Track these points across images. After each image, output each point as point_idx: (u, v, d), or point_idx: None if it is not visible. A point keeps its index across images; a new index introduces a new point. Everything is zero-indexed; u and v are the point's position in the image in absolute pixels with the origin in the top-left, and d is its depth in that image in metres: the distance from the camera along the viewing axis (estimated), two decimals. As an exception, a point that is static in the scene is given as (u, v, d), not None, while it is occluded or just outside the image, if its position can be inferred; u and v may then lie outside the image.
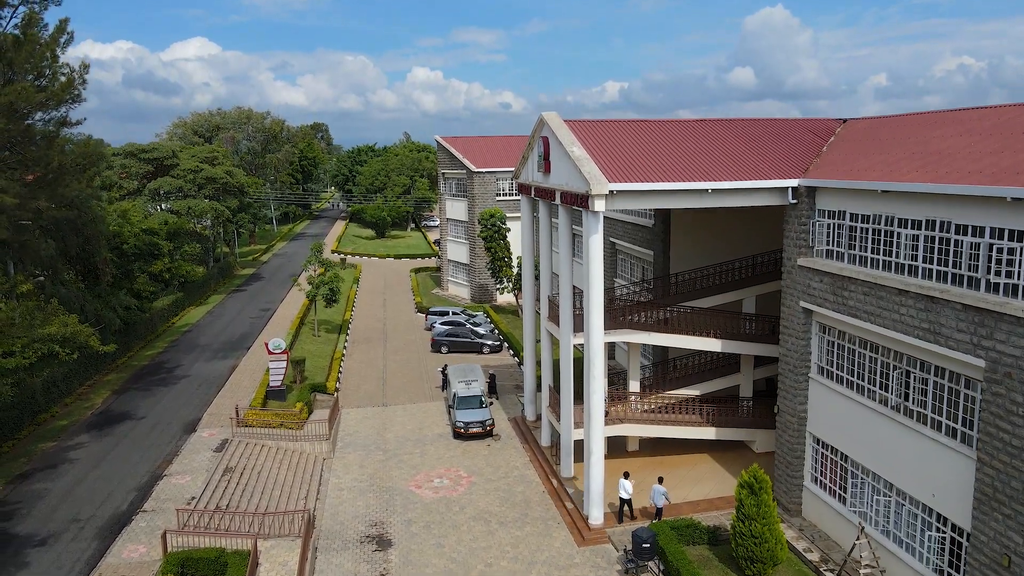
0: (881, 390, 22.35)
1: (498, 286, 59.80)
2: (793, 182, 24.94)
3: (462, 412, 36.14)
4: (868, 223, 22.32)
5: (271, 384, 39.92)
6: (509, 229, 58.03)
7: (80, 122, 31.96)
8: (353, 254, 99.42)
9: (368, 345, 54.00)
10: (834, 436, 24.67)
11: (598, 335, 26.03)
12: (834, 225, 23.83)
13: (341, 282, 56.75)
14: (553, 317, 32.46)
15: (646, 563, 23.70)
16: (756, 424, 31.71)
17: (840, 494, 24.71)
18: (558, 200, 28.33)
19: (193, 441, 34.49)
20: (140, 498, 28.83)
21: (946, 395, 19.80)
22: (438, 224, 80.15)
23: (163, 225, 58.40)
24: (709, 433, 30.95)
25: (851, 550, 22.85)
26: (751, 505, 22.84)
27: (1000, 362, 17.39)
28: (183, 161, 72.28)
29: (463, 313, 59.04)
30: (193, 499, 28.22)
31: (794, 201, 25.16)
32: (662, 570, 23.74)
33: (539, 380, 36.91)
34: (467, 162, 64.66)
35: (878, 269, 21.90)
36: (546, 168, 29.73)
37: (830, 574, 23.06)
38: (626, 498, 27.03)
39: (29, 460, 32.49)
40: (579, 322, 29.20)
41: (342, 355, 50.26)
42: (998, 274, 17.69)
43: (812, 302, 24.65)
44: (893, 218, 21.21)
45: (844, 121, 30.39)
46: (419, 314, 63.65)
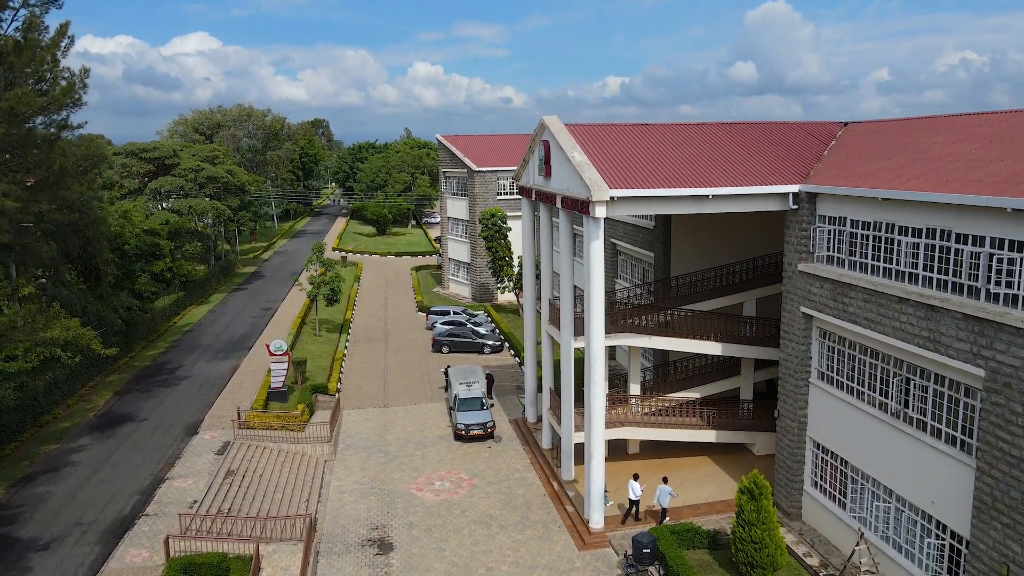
0: (881, 396, 22.40)
1: (499, 285, 59.83)
2: (794, 188, 24.94)
3: (463, 414, 36.20)
4: (869, 230, 22.33)
5: (272, 385, 40.00)
6: (510, 228, 58.07)
7: (81, 126, 31.99)
8: (354, 252, 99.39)
9: (369, 345, 54.09)
10: (834, 441, 24.73)
11: (599, 340, 26.07)
12: (835, 231, 23.85)
13: (342, 282, 56.80)
14: (554, 320, 32.50)
15: (646, 568, 23.79)
16: (756, 427, 31.78)
17: (840, 499, 24.78)
18: (559, 204, 28.34)
19: (195, 443, 34.60)
20: (142, 501, 28.95)
21: (946, 403, 19.85)
22: (439, 221, 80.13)
23: (164, 225, 58.43)
24: (709, 436, 31.01)
25: (850, 555, 22.94)
26: (751, 511, 22.91)
27: (1000, 372, 17.43)
28: (184, 160, 72.28)
29: (464, 312, 59.10)
30: (195, 503, 28.33)
31: (795, 207, 25.17)
32: (662, 574, 23.83)
33: (540, 381, 37.00)
34: (468, 161, 64.62)
35: (879, 276, 21.93)
36: (547, 172, 29.74)
37: (830, 579, 23.15)
38: (635, 499, 27.19)
39: (32, 463, 32.61)
40: (580, 325, 29.24)
41: (343, 355, 50.32)
42: (998, 284, 17.72)
43: (813, 308, 24.68)
44: (894, 225, 21.23)
45: (845, 124, 30.36)
46: (420, 313, 63.71)
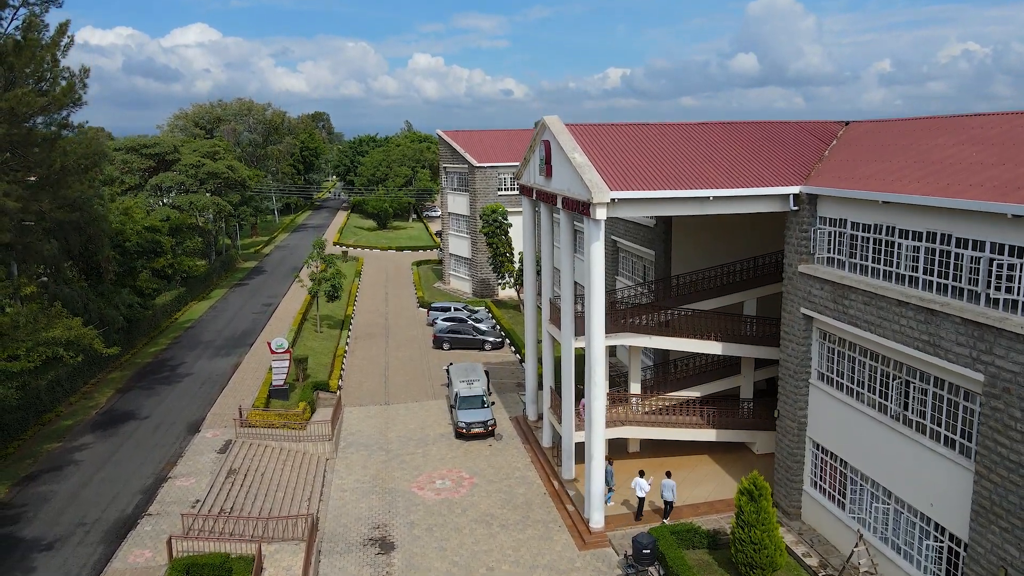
0: (881, 398, 22.46)
1: (500, 281, 59.90)
2: (794, 189, 24.94)
3: (464, 412, 36.31)
4: (869, 232, 22.34)
5: (274, 383, 40.11)
6: (511, 225, 58.09)
7: (82, 125, 31.96)
8: (355, 246, 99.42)
9: (370, 341, 54.18)
10: (834, 442, 24.81)
11: (599, 341, 26.13)
12: (835, 233, 23.86)
13: (343, 278, 56.85)
14: (555, 319, 32.55)
15: (646, 568, 23.91)
16: (756, 426, 31.87)
17: (839, 499, 24.88)
18: (560, 205, 28.35)
19: (197, 442, 34.74)
20: (145, 501, 29.10)
21: (945, 406, 19.91)
22: (440, 214, 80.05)
23: (165, 221, 58.45)
24: (710, 435, 31.11)
25: (849, 556, 23.06)
26: (751, 512, 23.02)
27: (999, 377, 17.48)
28: (184, 156, 72.23)
29: (465, 309, 59.16)
30: (198, 502, 28.47)
31: (795, 208, 25.17)
32: (662, 574, 23.96)
33: (540, 379, 37.09)
34: (469, 157, 64.54)
35: (879, 279, 21.95)
36: (547, 172, 29.73)
37: (829, 579, 23.28)
38: (643, 496, 27.39)
39: (35, 461, 32.76)
40: (580, 325, 29.30)
41: (344, 352, 50.44)
42: (998, 289, 17.74)
43: (813, 309, 24.72)
44: (894, 228, 21.24)
45: (847, 124, 30.31)
46: (421, 309, 63.78)
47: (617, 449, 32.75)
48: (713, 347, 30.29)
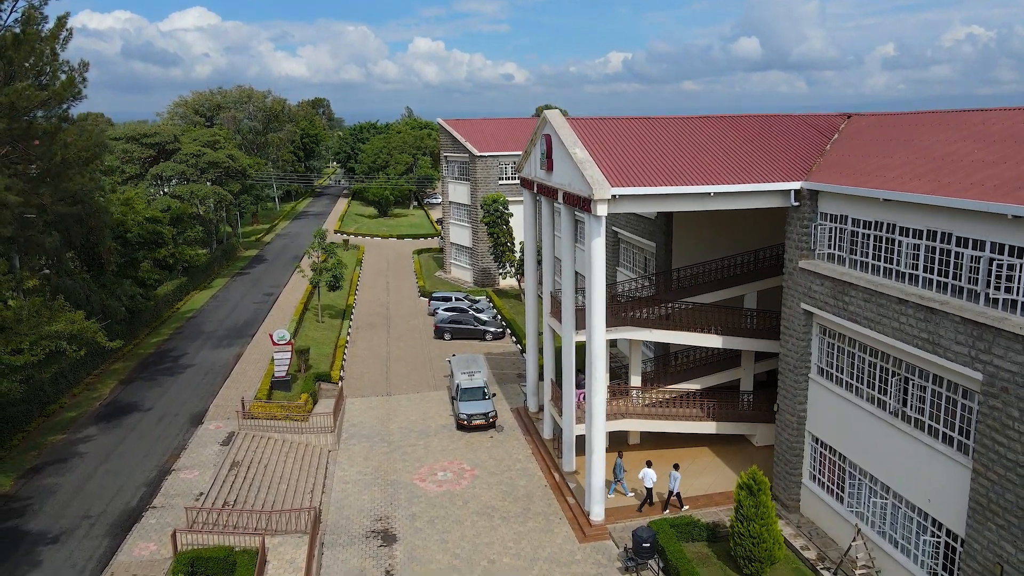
0: (880, 394, 22.58)
1: (501, 271, 59.98)
2: (796, 185, 24.93)
3: (465, 404, 36.49)
4: (870, 229, 22.36)
5: (276, 375, 40.30)
6: (512, 214, 58.08)
7: (83, 118, 31.90)
8: (355, 234, 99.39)
9: (372, 331, 54.33)
10: (833, 436, 24.96)
11: (600, 337, 26.23)
12: (836, 229, 23.88)
13: (344, 268, 56.93)
14: (555, 313, 32.63)
15: (646, 561, 24.14)
16: (756, 418, 32.02)
17: (838, 493, 25.07)
18: (561, 200, 28.34)
19: (200, 434, 34.95)
20: (149, 493, 29.34)
21: (944, 404, 20.03)
22: (440, 201, 79.87)
23: (165, 211, 58.44)
24: (709, 427, 31.28)
25: (847, 550, 23.28)
26: (750, 506, 23.23)
27: (997, 376, 17.57)
28: (185, 145, 72.07)
29: (466, 299, 59.26)
30: (201, 495, 28.71)
31: (796, 204, 25.17)
32: (662, 568, 24.20)
33: (541, 370, 37.21)
34: (470, 146, 64.37)
35: (879, 276, 22.00)
36: (548, 166, 29.70)
37: (827, 572, 23.50)
38: (650, 487, 27.70)
39: (39, 453, 33.00)
40: (581, 318, 29.38)
41: (346, 342, 50.61)
42: (998, 289, 17.79)
43: (813, 305, 24.79)
44: (895, 226, 21.26)
45: (848, 117, 30.21)
46: (422, 298, 63.88)
47: (618, 441, 32.92)
48: (714, 340, 30.38)
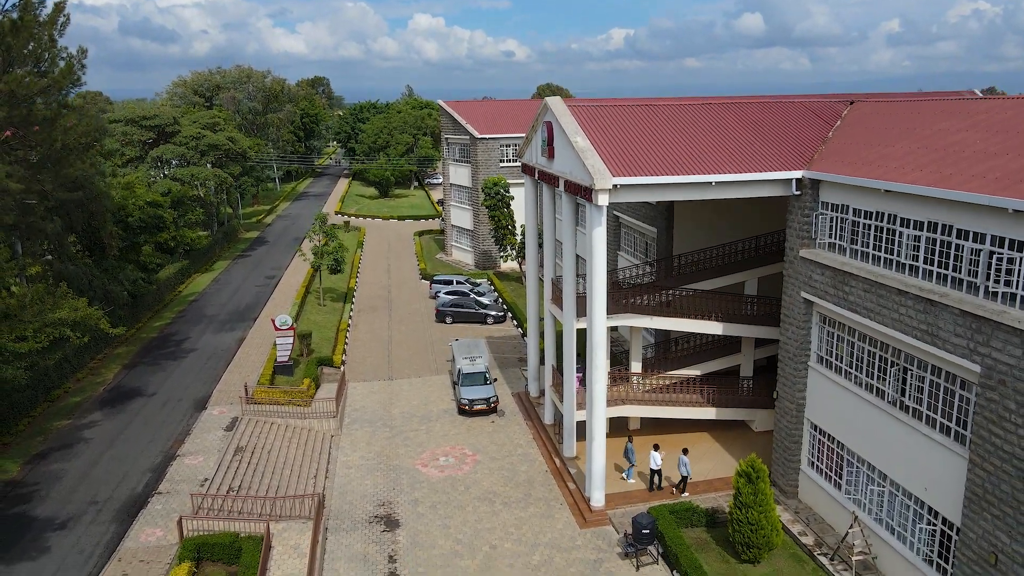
0: (879, 384, 22.73)
1: (502, 254, 60.00)
2: (797, 174, 24.89)
3: (466, 389, 36.71)
4: (871, 219, 22.37)
5: (278, 359, 40.54)
6: (512, 197, 57.95)
7: (81, 96, 31.81)
8: (356, 215, 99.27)
9: (373, 314, 54.49)
10: (831, 424, 25.17)
11: (600, 327, 26.35)
12: (837, 219, 23.88)
13: (345, 251, 56.97)
14: (556, 299, 32.73)
15: (646, 547, 24.45)
16: (756, 404, 32.24)
17: (836, 480, 25.33)
18: (562, 187, 28.31)
19: (204, 419, 35.23)
20: (155, 479, 29.67)
21: (942, 394, 20.17)
22: (441, 181, 79.63)
23: (166, 195, 58.37)
24: (709, 413, 31.51)
25: (844, 536, 23.58)
26: (748, 493, 23.51)
27: (995, 369, 17.69)
28: (184, 128, 71.78)
29: (467, 282, 59.34)
30: (206, 480, 29.03)
31: (798, 193, 25.15)
32: (661, 553, 24.55)
33: (542, 354, 37.40)
34: (470, 128, 64.08)
35: (879, 266, 22.04)
36: (550, 153, 29.63)
37: (824, 558, 23.82)
38: (657, 469, 28.10)
39: (45, 439, 33.31)
40: (582, 305, 29.46)
41: (347, 326, 50.79)
42: (997, 282, 17.85)
43: (813, 294, 24.86)
44: (896, 217, 21.26)
45: (851, 103, 30.06)
46: (423, 281, 63.98)
47: (618, 427, 33.18)
48: (714, 327, 30.50)
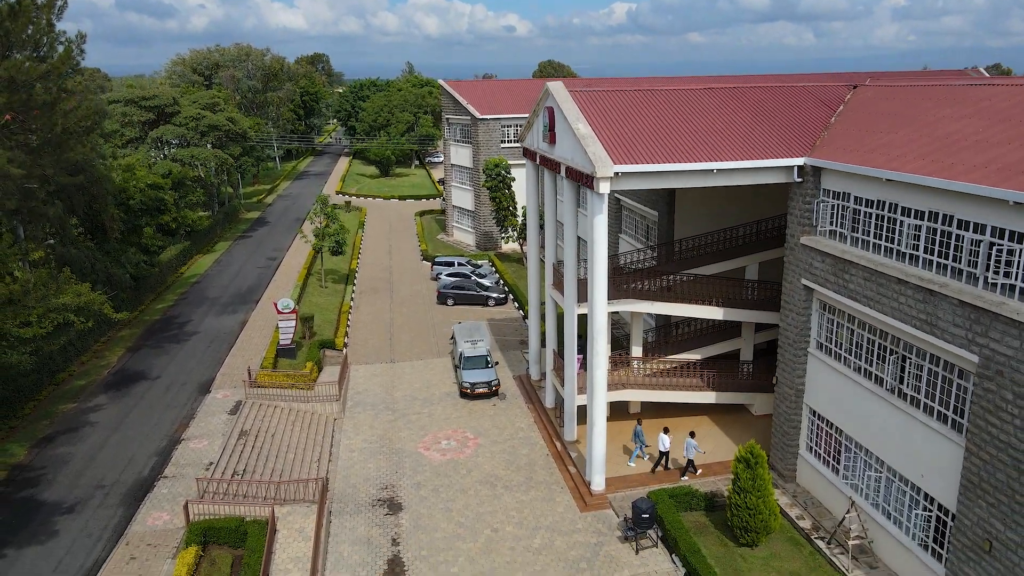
0: (878, 371, 22.90)
1: (503, 235, 59.99)
2: (799, 161, 24.84)
3: (468, 372, 36.95)
4: (872, 208, 22.38)
5: (281, 342, 40.76)
6: (514, 179, 57.81)
7: (83, 90, 31.69)
8: (357, 195, 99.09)
9: (375, 296, 54.65)
10: (830, 410, 25.38)
11: (602, 314, 26.48)
12: (838, 206, 23.88)
13: (346, 233, 56.98)
14: (557, 284, 32.85)
15: (645, 531, 24.79)
16: (755, 388, 32.47)
17: (834, 465, 25.60)
18: (563, 174, 28.29)
19: (208, 403, 35.53)
20: (160, 463, 30.02)
21: (940, 383, 20.34)
22: (442, 160, 79.32)
23: (166, 177, 58.27)
24: (709, 397, 31.74)
25: (841, 521, 23.91)
26: (747, 479, 23.80)
27: (993, 360, 17.83)
28: (184, 108, 71.42)
29: (469, 264, 59.41)
30: (211, 464, 29.37)
31: (799, 180, 25.13)
32: (660, 537, 24.91)
33: (543, 337, 37.59)
34: (472, 109, 63.74)
35: (880, 255, 22.10)
36: (551, 139, 29.55)
37: (820, 542, 24.16)
38: (665, 451, 28.49)
39: (51, 423, 33.64)
40: (583, 291, 29.58)
41: (349, 308, 50.96)
42: (997, 273, 17.92)
43: (814, 281, 24.94)
44: (897, 206, 21.28)
45: (854, 87, 29.89)
46: (424, 262, 64.06)
47: (618, 410, 33.45)
48: (715, 313, 30.63)
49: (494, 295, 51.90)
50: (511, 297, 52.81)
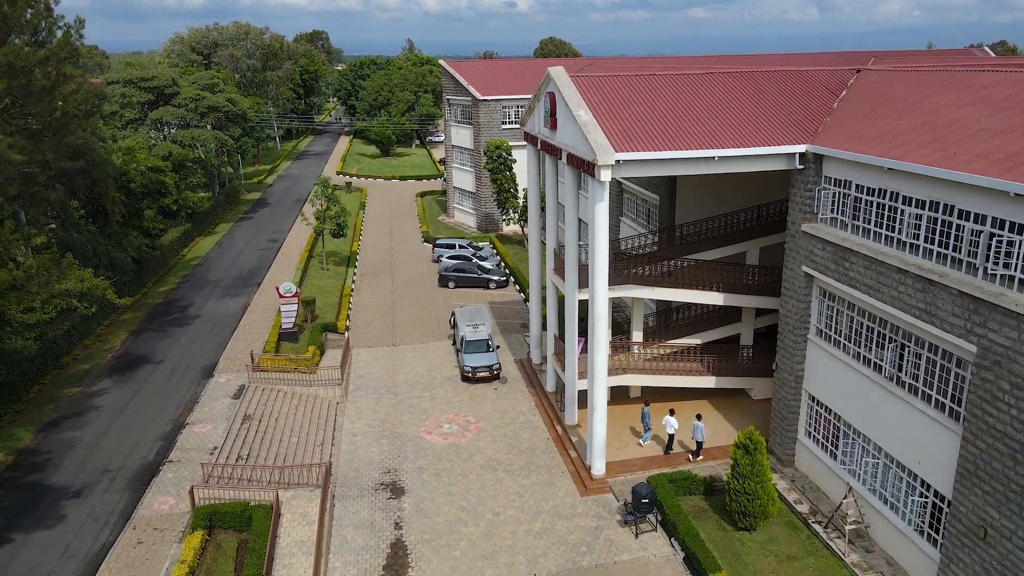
0: (876, 359, 23.04)
1: (504, 217, 59.94)
2: (800, 148, 24.79)
3: (470, 356, 37.14)
4: (873, 196, 22.38)
5: (283, 326, 40.94)
6: (515, 160, 57.65)
7: (82, 74, 31.57)
8: (358, 175, 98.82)
9: (376, 279, 54.76)
10: (829, 396, 25.58)
11: (603, 302, 26.58)
12: (839, 194, 23.88)
13: (347, 215, 56.94)
14: (559, 270, 32.92)
15: (645, 516, 25.10)
16: (755, 372, 32.65)
17: (832, 450, 25.85)
18: (564, 160, 28.24)
19: (211, 387, 35.80)
20: (165, 447, 30.33)
21: (938, 371, 20.48)
22: (443, 140, 79.03)
23: (167, 159, 58.14)
24: (709, 382, 31.94)
25: (838, 506, 24.20)
26: (745, 464, 24.06)
27: (991, 350, 17.95)
28: (184, 89, 71.05)
29: (470, 246, 59.40)
30: (215, 449, 29.68)
31: (801, 167, 25.09)
32: (660, 521, 25.23)
33: (544, 320, 37.71)
34: (472, 89, 63.35)
35: (880, 243, 22.14)
36: (552, 124, 29.45)
37: (818, 526, 24.47)
38: (672, 433, 29.01)
39: (56, 407, 33.93)
40: (584, 276, 29.65)
41: (351, 291, 51.10)
42: (996, 264, 17.98)
43: (814, 268, 25.00)
44: (898, 195, 21.28)
45: (858, 71, 29.71)
46: (426, 244, 64.07)
47: (618, 395, 33.69)
48: (716, 298, 30.73)
49: (495, 278, 51.98)
50: (512, 280, 52.90)
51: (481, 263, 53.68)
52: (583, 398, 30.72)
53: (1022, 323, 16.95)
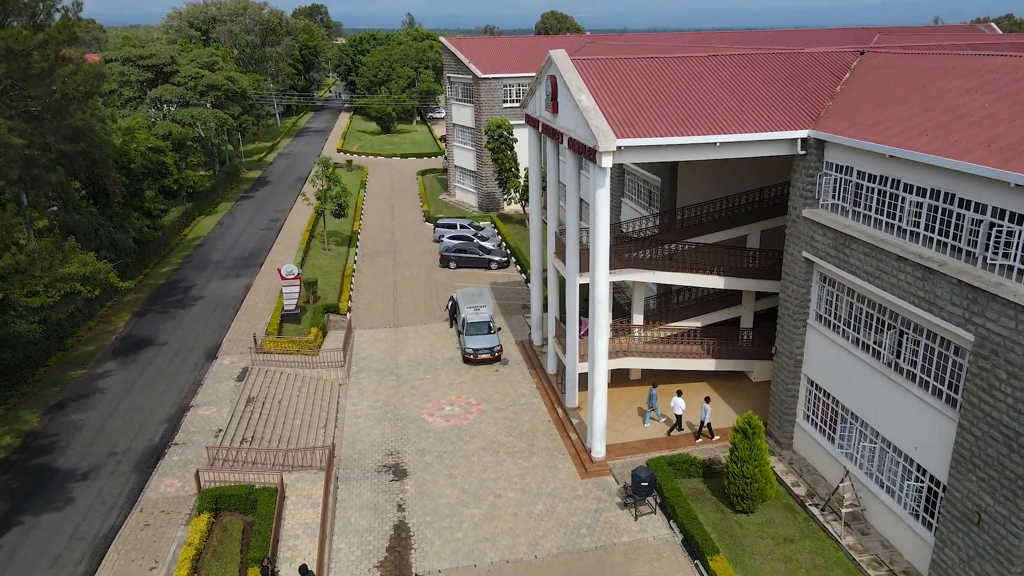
0: (875, 344, 23.18)
1: (505, 196, 59.82)
2: (802, 133, 24.70)
3: (471, 338, 37.33)
4: (875, 183, 22.35)
5: (286, 308, 41.11)
6: (516, 140, 57.40)
7: (81, 57, 31.40)
8: (358, 153, 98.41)
9: (378, 259, 54.82)
10: (827, 381, 25.77)
11: (604, 286, 26.68)
12: (841, 180, 23.85)
13: (348, 195, 56.86)
14: (559, 253, 32.97)
15: (644, 499, 25.44)
16: (755, 355, 32.84)
17: (830, 434, 26.11)
18: (566, 144, 28.17)
19: (215, 369, 36.07)
20: (170, 430, 30.67)
21: (936, 359, 20.62)
22: (444, 116, 78.46)
23: (166, 139, 57.95)
24: (709, 365, 32.14)
25: (835, 489, 24.51)
26: (744, 448, 24.32)
27: (989, 339, 18.07)
28: (183, 67, 70.49)
29: (471, 226, 59.35)
30: (220, 431, 30.01)
31: (803, 152, 25.03)
32: (659, 503, 25.58)
33: (546, 301, 37.84)
34: (473, 67, 62.84)
35: (881, 230, 22.16)
36: (554, 108, 29.32)
37: (815, 508, 24.81)
38: (680, 414, 29.40)
39: (62, 389, 34.25)
40: (585, 260, 29.70)
41: (352, 271, 51.19)
42: (996, 253, 18.03)
43: (815, 254, 25.05)
44: (899, 182, 21.26)
45: (862, 53, 29.48)
46: (427, 223, 64.03)
47: (618, 377, 33.92)
48: (716, 282, 30.81)
49: (496, 258, 52.03)
50: (513, 260, 52.95)
51: (482, 243, 53.69)
52: (584, 380, 30.92)
53: (1020, 313, 17.06)
